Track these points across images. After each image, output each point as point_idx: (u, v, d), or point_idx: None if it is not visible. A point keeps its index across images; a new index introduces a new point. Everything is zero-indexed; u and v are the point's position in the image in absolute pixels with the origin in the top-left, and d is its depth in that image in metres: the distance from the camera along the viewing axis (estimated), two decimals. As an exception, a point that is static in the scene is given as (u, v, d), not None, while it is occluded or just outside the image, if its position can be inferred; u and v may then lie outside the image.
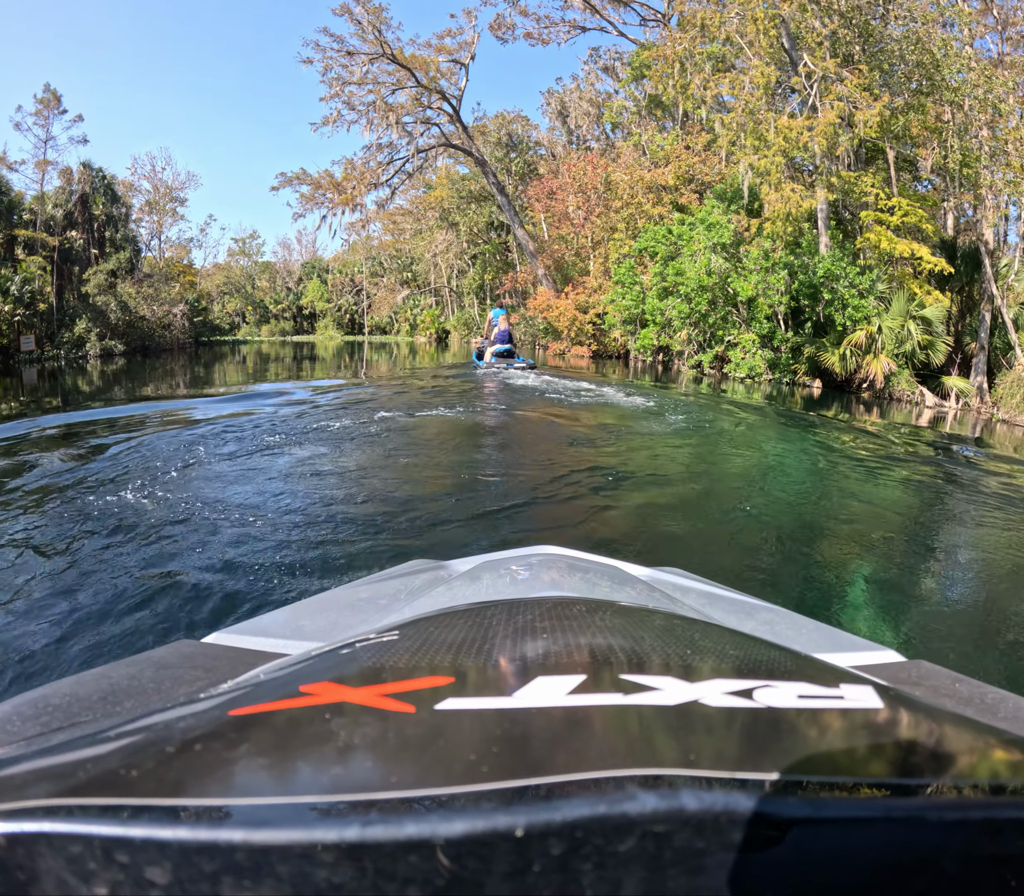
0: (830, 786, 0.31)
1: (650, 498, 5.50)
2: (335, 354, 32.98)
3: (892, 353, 16.08)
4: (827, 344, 17.04)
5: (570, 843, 0.27)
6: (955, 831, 0.29)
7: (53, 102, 30.18)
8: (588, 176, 26.04)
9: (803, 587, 3.77)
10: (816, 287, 16.78)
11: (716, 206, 18.69)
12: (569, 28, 31.85)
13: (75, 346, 28.88)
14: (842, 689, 0.45)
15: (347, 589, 1.43)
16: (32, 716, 0.57)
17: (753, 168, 16.21)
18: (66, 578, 3.47)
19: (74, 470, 5.72)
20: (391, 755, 0.35)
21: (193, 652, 0.82)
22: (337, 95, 28.54)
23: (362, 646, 0.56)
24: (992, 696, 0.71)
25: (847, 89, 16.22)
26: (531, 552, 1.58)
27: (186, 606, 3.16)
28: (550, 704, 0.39)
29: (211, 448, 6.63)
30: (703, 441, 8.44)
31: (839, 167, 17.02)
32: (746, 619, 1.23)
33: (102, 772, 0.33)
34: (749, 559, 4.14)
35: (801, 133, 15.76)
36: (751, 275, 17.32)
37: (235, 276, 65.52)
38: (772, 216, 15.97)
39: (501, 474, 5.92)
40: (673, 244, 19.79)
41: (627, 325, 22.83)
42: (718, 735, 0.37)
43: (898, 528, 5.14)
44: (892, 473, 7.29)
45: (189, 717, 0.41)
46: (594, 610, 0.69)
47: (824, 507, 5.61)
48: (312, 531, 4.24)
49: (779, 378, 17.76)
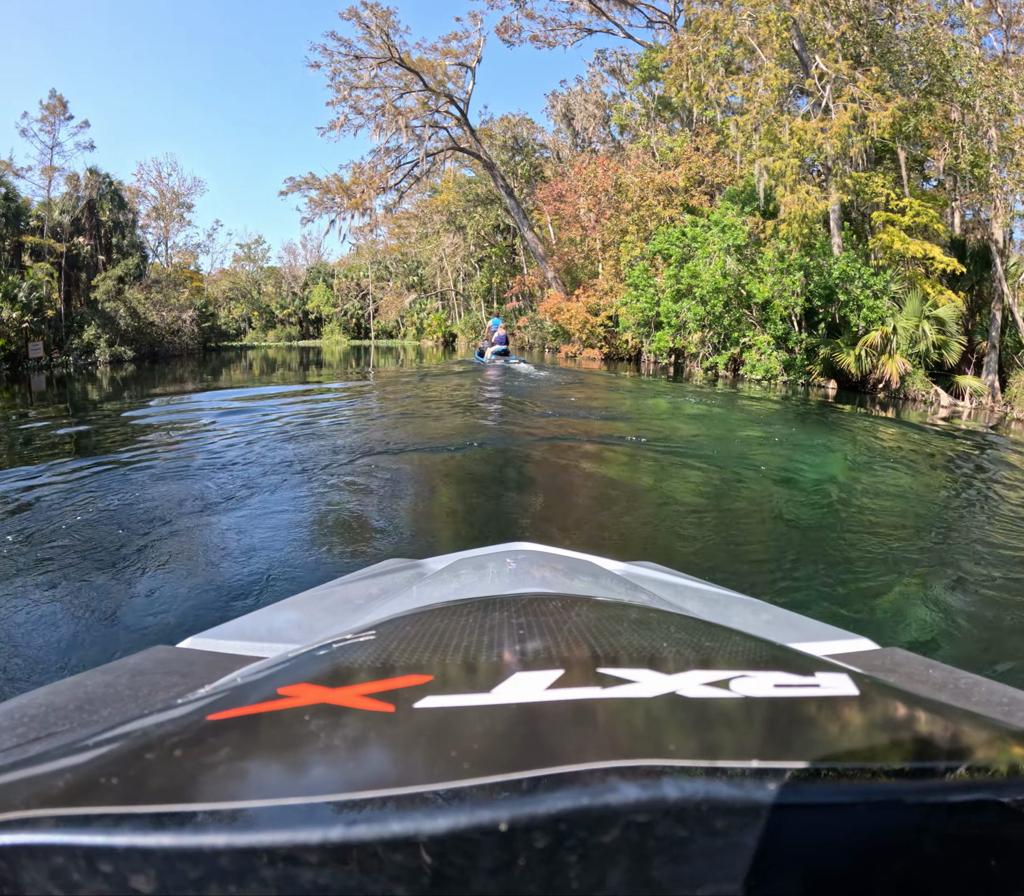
0: (808, 772, 0.31)
1: (622, 484, 5.54)
2: (342, 358, 32.99)
3: (906, 353, 16.00)
4: (842, 345, 16.94)
5: (554, 836, 0.27)
6: (934, 813, 0.29)
7: (59, 108, 30.19)
8: (599, 178, 25.96)
9: (778, 578, 3.78)
10: (831, 288, 16.68)
11: (730, 208, 18.59)
12: (575, 30, 31.75)
13: (84, 352, 28.85)
14: (818, 677, 0.45)
15: (322, 590, 1.43)
16: (8, 727, 0.56)
17: (768, 170, 16.09)
18: (36, 587, 3.40)
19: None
20: (372, 755, 0.35)
21: (169, 658, 0.82)
22: (344, 99, 28.53)
23: (339, 647, 0.56)
24: (965, 681, 0.72)
25: (859, 90, 16.14)
26: (506, 549, 1.60)
27: (160, 611, 3.13)
28: (529, 699, 0.39)
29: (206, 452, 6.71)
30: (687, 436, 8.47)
31: (850, 168, 16.97)
32: (722, 611, 1.25)
33: (82, 781, 0.32)
34: (724, 552, 4.17)
35: (816, 135, 15.66)
36: (767, 277, 17.22)
37: (241, 281, 65.52)
38: (788, 218, 15.85)
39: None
40: (687, 246, 19.68)
41: (641, 328, 22.72)
42: (696, 725, 0.38)
43: (875, 519, 5.10)
44: (899, 467, 7.28)
45: (167, 723, 0.41)
46: (570, 605, 0.70)
47: (802, 500, 5.61)
48: (288, 527, 4.23)
49: (794, 379, 17.65)
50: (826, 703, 0.42)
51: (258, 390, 14.47)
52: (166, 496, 4.99)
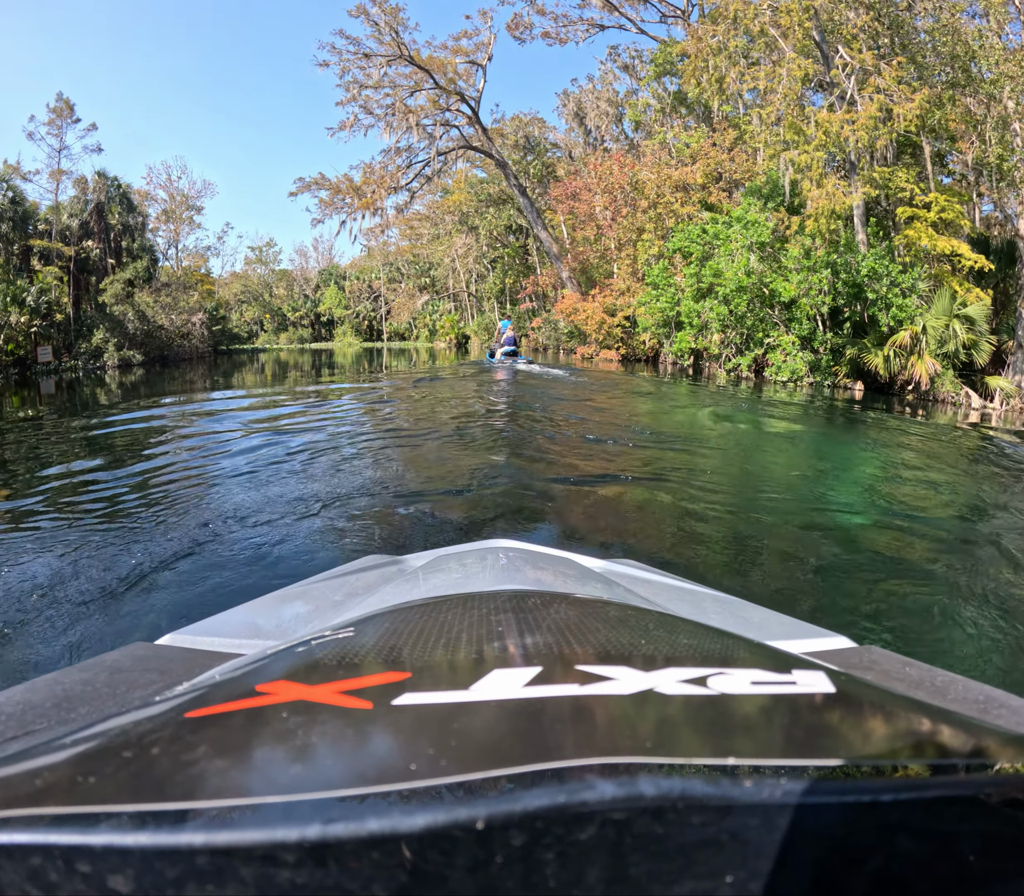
0: (784, 769, 0.31)
1: (605, 481, 5.52)
2: (354, 360, 32.71)
3: (934, 353, 15.42)
4: (868, 345, 16.35)
5: (531, 833, 0.27)
6: (910, 810, 0.29)
7: (66, 111, 29.94)
8: (615, 175, 25.36)
9: (756, 576, 3.77)
10: (860, 286, 16.04)
11: (753, 203, 17.92)
12: (587, 26, 31.25)
13: (93, 356, 28.62)
14: (794, 675, 0.45)
15: (301, 586, 1.41)
16: None
17: (793, 163, 15.49)
18: (13, 582, 3.37)
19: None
20: (350, 752, 0.35)
21: (147, 655, 0.82)
22: (354, 99, 28.14)
23: (318, 644, 0.55)
24: (941, 679, 0.72)
25: (885, 82, 15.57)
26: (485, 546, 1.59)
27: (139, 607, 3.11)
28: (507, 696, 0.40)
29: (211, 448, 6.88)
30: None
31: (874, 162, 16.45)
32: (700, 609, 1.24)
33: (59, 780, 0.33)
34: (702, 549, 4.15)
35: (842, 127, 15.06)
36: (793, 275, 16.56)
37: (252, 284, 65.71)
38: (814, 213, 15.25)
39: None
40: (707, 244, 19.05)
41: (662, 328, 22.05)
42: (674, 722, 0.38)
43: (858, 516, 5.07)
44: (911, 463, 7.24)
45: (145, 721, 0.41)
46: (549, 602, 0.69)
47: (784, 496, 5.57)
48: (267, 523, 4.24)
49: (820, 381, 17.02)
50: (803, 700, 0.42)
51: (261, 391, 14.42)
52: (145, 494, 5.03)
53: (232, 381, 19.95)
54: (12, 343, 25.59)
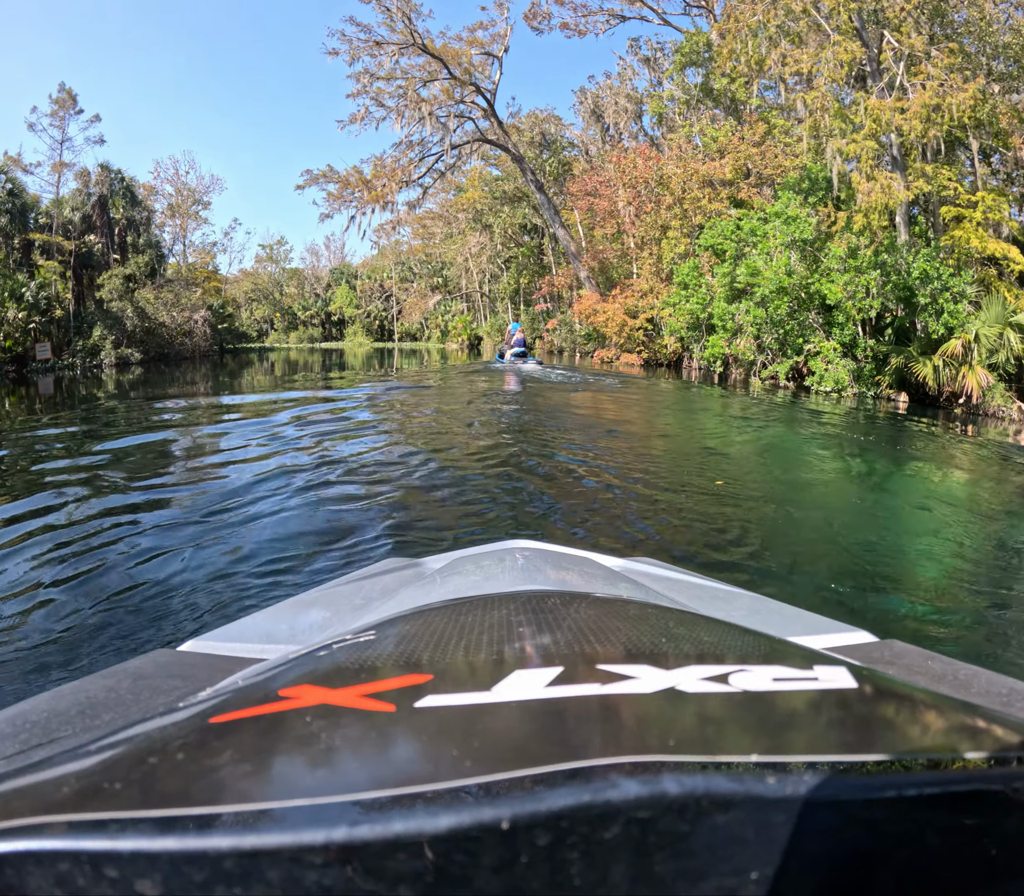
0: (808, 766, 0.31)
1: (616, 477, 5.65)
2: (365, 361, 31.85)
3: (984, 364, 14.13)
4: (914, 353, 15.02)
5: (556, 833, 0.28)
6: (935, 805, 0.30)
7: (69, 102, 29.01)
8: (639, 169, 24.05)
9: (776, 572, 3.76)
10: (911, 289, 14.68)
11: (792, 198, 16.47)
12: (607, 17, 30.03)
13: (90, 354, 27.69)
14: (816, 671, 0.45)
15: (321, 591, 1.44)
16: (11, 734, 0.57)
17: (841, 153, 14.20)
18: (35, 593, 3.37)
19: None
20: (374, 755, 0.36)
21: (170, 661, 0.83)
22: (365, 91, 26.97)
23: (339, 647, 0.56)
24: (964, 672, 0.72)
25: (936, 69, 14.33)
26: (503, 547, 1.59)
27: (161, 615, 3.10)
28: (529, 697, 0.40)
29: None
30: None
31: (925, 156, 15.27)
32: (720, 606, 1.23)
33: (85, 787, 0.33)
34: (720, 545, 4.15)
35: (893, 115, 13.79)
36: (838, 276, 15.17)
37: (263, 282, 65.05)
38: (865, 208, 13.95)
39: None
40: (741, 241, 17.63)
41: (691, 331, 20.55)
42: (696, 720, 0.38)
43: (871, 513, 5.19)
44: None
45: (169, 727, 0.41)
46: (569, 602, 0.69)
47: (806, 492, 5.70)
48: (285, 530, 4.27)
49: (864, 391, 15.66)
50: (825, 696, 0.42)
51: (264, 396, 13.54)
52: (161, 504, 5.04)
53: (240, 387, 18.74)
54: (10, 340, 24.74)
